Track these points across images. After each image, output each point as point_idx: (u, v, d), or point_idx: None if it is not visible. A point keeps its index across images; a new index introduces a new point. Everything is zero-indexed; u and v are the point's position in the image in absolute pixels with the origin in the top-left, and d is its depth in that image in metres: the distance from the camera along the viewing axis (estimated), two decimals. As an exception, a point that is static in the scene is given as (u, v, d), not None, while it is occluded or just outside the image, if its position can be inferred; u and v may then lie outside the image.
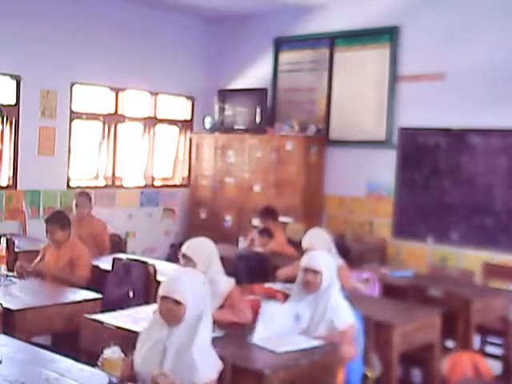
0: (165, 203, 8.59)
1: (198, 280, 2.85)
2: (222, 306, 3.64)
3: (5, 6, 6.93)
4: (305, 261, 3.68)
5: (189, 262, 3.62)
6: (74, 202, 6.21)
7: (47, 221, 4.97)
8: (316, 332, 3.52)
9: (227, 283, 3.71)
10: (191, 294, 2.72)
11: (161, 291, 2.77)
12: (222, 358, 2.84)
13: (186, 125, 8.88)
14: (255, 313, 3.73)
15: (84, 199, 6.22)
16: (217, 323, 3.44)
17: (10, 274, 4.61)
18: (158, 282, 4.68)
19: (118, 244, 6.32)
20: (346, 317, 3.57)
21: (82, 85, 7.70)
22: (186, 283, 2.75)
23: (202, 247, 3.73)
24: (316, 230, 4.91)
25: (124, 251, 6.17)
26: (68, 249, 4.88)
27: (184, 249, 3.69)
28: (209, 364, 2.74)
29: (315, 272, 3.59)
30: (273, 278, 4.94)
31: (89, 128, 7.90)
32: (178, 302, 2.70)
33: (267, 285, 4.58)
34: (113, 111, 8.05)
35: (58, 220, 4.95)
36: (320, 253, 3.82)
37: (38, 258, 5.01)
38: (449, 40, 6.74)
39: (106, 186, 8.01)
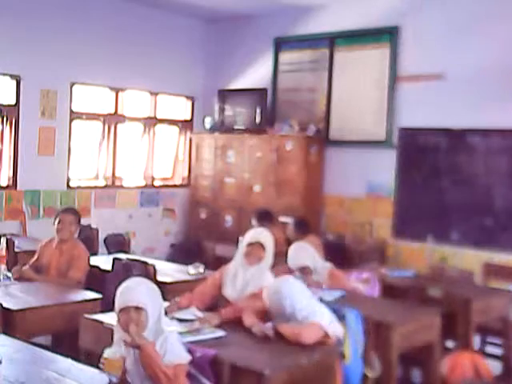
0: (165, 203, 8.59)
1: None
2: (254, 294, 3.77)
3: (5, 6, 6.93)
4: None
5: (258, 249, 3.90)
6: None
7: (67, 210, 4.94)
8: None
9: (270, 279, 3.89)
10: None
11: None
12: (222, 358, 2.87)
13: (185, 125, 8.88)
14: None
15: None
16: (225, 322, 3.55)
17: (10, 274, 4.55)
18: (158, 282, 4.70)
19: (121, 244, 6.31)
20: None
21: (82, 85, 7.70)
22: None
23: (270, 236, 4.02)
24: (296, 244, 4.83)
25: (127, 251, 6.15)
26: (71, 246, 4.80)
27: (258, 237, 3.93)
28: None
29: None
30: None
31: (89, 128, 7.90)
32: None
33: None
34: (113, 111, 8.05)
35: (77, 214, 4.94)
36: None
37: (36, 257, 4.88)
38: (449, 40, 6.74)
39: (106, 186, 8.01)
